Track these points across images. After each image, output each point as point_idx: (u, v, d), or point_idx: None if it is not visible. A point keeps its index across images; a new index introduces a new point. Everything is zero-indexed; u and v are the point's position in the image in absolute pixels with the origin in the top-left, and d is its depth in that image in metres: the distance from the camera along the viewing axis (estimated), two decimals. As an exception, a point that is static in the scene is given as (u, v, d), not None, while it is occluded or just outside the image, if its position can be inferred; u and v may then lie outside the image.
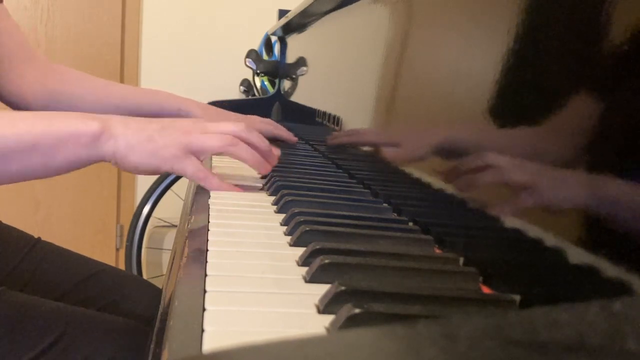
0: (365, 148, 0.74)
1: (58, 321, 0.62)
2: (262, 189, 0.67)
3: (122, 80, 2.10)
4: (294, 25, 1.36)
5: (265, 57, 1.78)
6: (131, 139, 0.57)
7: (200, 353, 0.27)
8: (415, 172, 0.57)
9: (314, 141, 1.05)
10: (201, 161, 0.61)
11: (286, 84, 1.51)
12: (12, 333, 0.59)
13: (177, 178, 1.84)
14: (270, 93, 1.59)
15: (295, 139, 0.80)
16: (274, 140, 0.98)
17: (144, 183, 2.06)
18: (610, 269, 0.30)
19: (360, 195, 0.63)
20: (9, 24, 0.86)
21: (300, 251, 0.42)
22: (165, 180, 1.82)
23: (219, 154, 0.62)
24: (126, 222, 2.10)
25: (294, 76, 1.40)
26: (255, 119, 1.02)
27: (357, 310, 0.29)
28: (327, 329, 0.30)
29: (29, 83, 0.86)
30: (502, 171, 0.41)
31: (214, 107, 0.98)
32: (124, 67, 2.10)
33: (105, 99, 0.89)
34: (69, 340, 0.60)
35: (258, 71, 1.63)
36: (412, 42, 0.64)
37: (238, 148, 0.61)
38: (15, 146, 0.52)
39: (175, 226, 1.92)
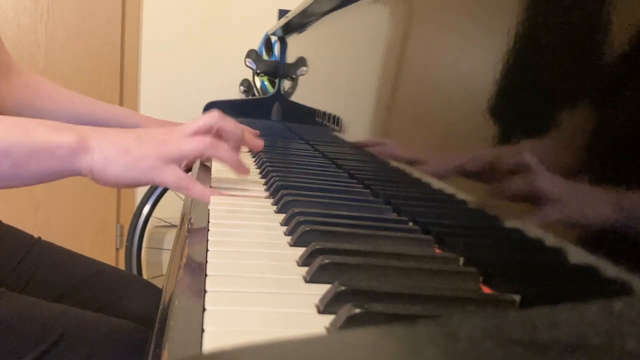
0: (366, 148, 0.74)
1: (58, 322, 0.62)
2: (260, 195, 0.67)
3: (122, 80, 2.10)
4: (294, 25, 1.36)
5: (265, 57, 1.79)
6: (107, 152, 0.55)
7: (200, 353, 0.27)
8: (415, 172, 0.57)
9: (314, 141, 1.05)
10: (185, 168, 0.59)
11: (286, 84, 1.51)
12: (12, 334, 0.59)
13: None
14: (270, 93, 1.59)
15: (261, 144, 0.74)
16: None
17: (144, 183, 2.05)
18: (610, 269, 0.30)
19: (360, 195, 0.63)
20: None
21: (300, 251, 0.42)
22: (165, 180, 1.82)
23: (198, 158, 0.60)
24: (126, 222, 2.10)
25: (294, 76, 1.40)
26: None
27: (357, 310, 0.29)
28: (327, 329, 0.30)
29: (2, 96, 0.86)
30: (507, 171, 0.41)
31: (174, 123, 0.94)
32: (124, 67, 2.10)
33: (73, 113, 0.89)
34: (69, 341, 0.60)
35: (258, 71, 1.63)
36: (412, 42, 0.64)
37: (217, 151, 0.60)
38: None
39: (175, 226, 1.92)
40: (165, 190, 1.83)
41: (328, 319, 0.31)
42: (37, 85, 0.90)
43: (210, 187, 0.63)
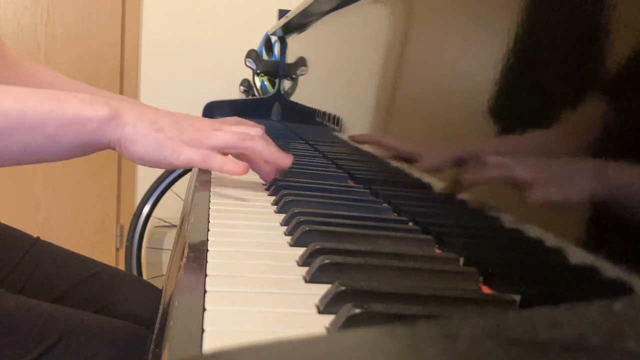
0: (366, 148, 0.74)
1: (57, 323, 0.62)
2: (260, 196, 0.67)
3: (122, 80, 2.10)
4: (294, 25, 1.36)
5: (265, 57, 1.79)
6: (140, 128, 0.55)
7: (200, 353, 0.27)
8: (416, 172, 0.57)
9: (314, 141, 1.05)
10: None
11: (286, 84, 1.51)
12: (10, 335, 0.59)
13: (177, 178, 1.84)
14: (270, 93, 1.59)
15: (289, 161, 0.67)
16: None
17: (144, 183, 2.06)
18: (610, 269, 0.30)
19: (360, 195, 0.63)
20: None
21: (300, 251, 0.42)
22: (165, 180, 1.82)
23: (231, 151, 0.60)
24: (126, 222, 2.10)
25: (294, 76, 1.40)
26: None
27: (357, 310, 0.29)
28: (327, 329, 0.30)
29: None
30: (506, 170, 0.41)
31: (179, 113, 0.96)
32: (124, 67, 2.10)
33: None
34: (68, 342, 0.60)
35: (258, 71, 1.63)
36: (412, 42, 0.64)
37: (253, 142, 0.60)
38: (19, 123, 0.51)
39: (175, 226, 1.92)
40: (165, 190, 1.83)
41: (328, 319, 0.31)
42: (34, 70, 0.90)
43: (210, 188, 0.63)
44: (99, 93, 0.91)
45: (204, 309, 0.31)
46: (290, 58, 1.50)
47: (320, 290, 0.34)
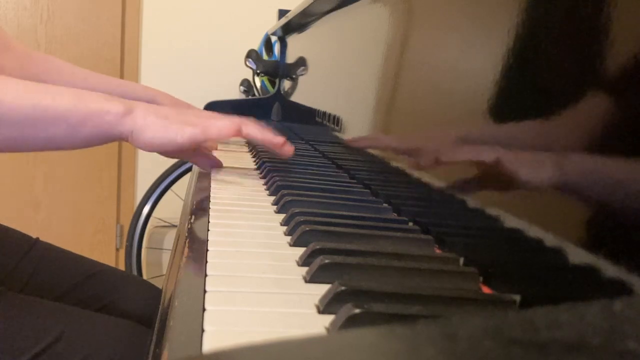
0: (369, 149, 0.74)
1: (57, 321, 0.62)
2: (260, 195, 0.67)
3: (122, 80, 2.10)
4: (294, 25, 1.36)
5: (265, 57, 1.78)
6: (149, 118, 0.61)
7: (200, 353, 0.27)
8: (416, 172, 0.57)
9: (314, 141, 1.05)
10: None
11: (286, 84, 1.51)
12: (10, 333, 0.59)
13: (177, 178, 1.84)
14: (270, 93, 1.59)
15: (290, 150, 0.73)
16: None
17: (144, 183, 2.06)
18: (610, 269, 0.30)
19: (360, 195, 0.63)
20: None
21: (300, 251, 0.42)
22: (165, 180, 1.82)
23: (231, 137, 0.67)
24: (126, 222, 2.10)
25: (294, 76, 1.40)
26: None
27: (357, 310, 0.29)
28: (327, 329, 0.30)
29: (6, 74, 0.86)
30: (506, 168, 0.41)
31: (183, 102, 1.04)
32: (124, 67, 2.10)
33: (85, 89, 0.90)
34: (68, 340, 0.60)
35: (258, 71, 1.63)
36: (412, 42, 0.64)
37: (248, 128, 0.67)
38: (45, 115, 0.56)
39: (175, 226, 1.92)
40: (165, 190, 1.83)
41: (328, 319, 0.31)
42: (42, 59, 0.91)
43: (210, 188, 0.64)
44: (108, 81, 0.94)
45: (204, 309, 0.31)
46: (290, 58, 1.50)
47: (320, 290, 0.34)
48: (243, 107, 1.54)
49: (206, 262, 0.39)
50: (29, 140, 0.57)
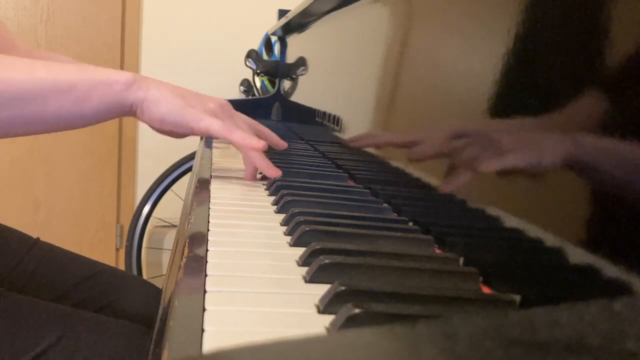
0: (366, 148, 0.74)
1: (57, 322, 0.62)
2: (260, 195, 0.67)
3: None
4: (294, 25, 1.36)
5: (265, 57, 1.79)
6: (164, 91, 0.60)
7: (200, 353, 0.27)
8: (415, 172, 0.57)
9: (314, 141, 1.05)
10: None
11: (286, 84, 1.51)
12: (11, 334, 0.59)
13: (177, 178, 1.84)
14: (270, 93, 1.59)
15: (285, 144, 0.79)
16: None
17: (144, 183, 2.06)
18: (610, 269, 0.30)
19: (360, 195, 0.63)
20: None
21: (300, 251, 0.42)
22: (165, 180, 1.82)
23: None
24: (126, 222, 2.10)
25: (294, 76, 1.40)
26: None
27: (357, 310, 0.28)
28: (327, 329, 0.30)
29: None
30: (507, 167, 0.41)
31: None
32: (124, 67, 2.10)
33: None
34: (68, 341, 0.60)
35: (258, 71, 1.63)
36: (412, 41, 0.64)
37: (254, 155, 0.65)
38: (52, 88, 0.55)
39: (175, 226, 1.92)
40: (165, 190, 1.83)
41: (328, 319, 0.31)
42: (44, 57, 0.90)
43: (210, 188, 0.63)
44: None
45: (204, 309, 0.31)
46: (290, 58, 1.50)
47: (320, 290, 0.34)
48: (243, 107, 1.53)
49: (206, 262, 0.39)
50: (36, 118, 0.55)
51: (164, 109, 0.59)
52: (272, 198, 0.61)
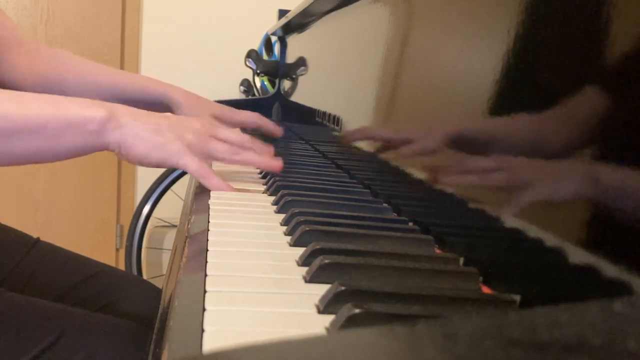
0: (366, 148, 0.74)
1: (57, 321, 0.62)
2: (263, 192, 0.67)
3: (122, 80, 2.10)
4: (294, 25, 1.36)
5: (265, 57, 1.78)
6: (139, 129, 0.57)
7: (200, 353, 0.27)
8: (415, 172, 0.57)
9: (314, 141, 1.05)
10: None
11: (286, 84, 1.51)
12: (11, 333, 0.59)
13: (177, 178, 1.84)
14: (270, 93, 1.59)
15: (280, 130, 0.82)
16: (259, 133, 1.00)
17: (144, 183, 2.06)
18: (610, 269, 0.30)
19: (360, 195, 0.63)
20: None
21: (300, 251, 0.42)
22: (165, 180, 1.82)
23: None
24: (126, 222, 2.10)
25: (294, 76, 1.40)
26: (239, 110, 1.03)
27: (357, 310, 0.28)
28: (327, 329, 0.30)
29: (18, 69, 0.86)
30: (503, 171, 0.41)
31: (195, 94, 1.00)
32: (124, 67, 2.10)
33: (93, 83, 0.89)
34: (68, 340, 0.60)
35: (258, 71, 1.63)
36: (412, 41, 0.64)
37: (244, 156, 0.63)
38: (21, 127, 0.52)
39: (175, 226, 1.92)
40: (165, 190, 1.83)
41: (328, 319, 0.31)
42: (51, 54, 0.90)
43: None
44: (116, 73, 0.93)
45: (204, 309, 0.31)
46: (290, 58, 1.50)
47: (320, 290, 0.34)
48: (243, 107, 1.53)
49: (206, 262, 0.39)
50: (4, 153, 0.53)
51: (142, 151, 0.57)
52: (272, 198, 0.61)
